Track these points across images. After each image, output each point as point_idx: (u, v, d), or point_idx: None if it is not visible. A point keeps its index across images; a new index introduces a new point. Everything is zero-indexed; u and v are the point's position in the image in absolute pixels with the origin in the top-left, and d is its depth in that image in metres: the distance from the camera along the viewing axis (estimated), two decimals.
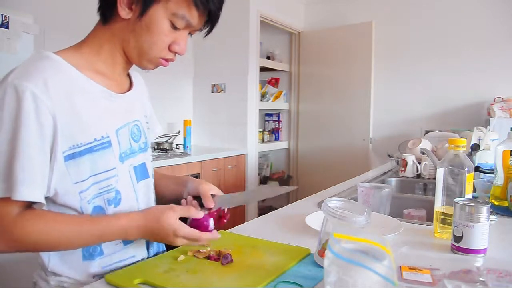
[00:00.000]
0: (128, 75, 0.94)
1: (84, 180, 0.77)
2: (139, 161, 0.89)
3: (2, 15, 1.88)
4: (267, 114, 4.33)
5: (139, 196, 0.88)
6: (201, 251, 0.86)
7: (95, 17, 0.83)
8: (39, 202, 0.72)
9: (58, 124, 0.72)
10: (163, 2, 0.78)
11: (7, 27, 1.94)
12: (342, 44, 3.82)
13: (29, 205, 0.74)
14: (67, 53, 0.80)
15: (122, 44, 0.82)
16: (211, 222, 0.84)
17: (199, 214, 0.83)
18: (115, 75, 0.86)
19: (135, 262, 0.85)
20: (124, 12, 0.78)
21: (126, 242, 0.85)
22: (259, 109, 3.61)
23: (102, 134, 0.79)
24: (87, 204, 0.78)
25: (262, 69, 3.72)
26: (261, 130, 4.02)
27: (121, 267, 0.83)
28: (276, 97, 4.08)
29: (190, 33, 0.85)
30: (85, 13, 0.77)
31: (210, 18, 0.83)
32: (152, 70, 0.88)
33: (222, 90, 3.51)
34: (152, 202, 0.95)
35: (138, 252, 0.88)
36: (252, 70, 3.42)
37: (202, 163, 2.87)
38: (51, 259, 0.79)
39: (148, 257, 0.89)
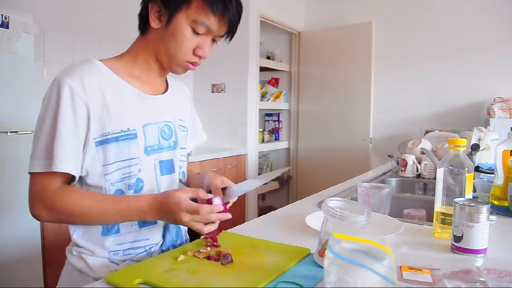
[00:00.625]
0: (166, 81, 1.05)
1: (109, 164, 0.88)
2: (166, 157, 0.98)
3: (2, 15, 1.88)
4: (267, 114, 4.33)
5: (161, 188, 0.97)
6: (201, 251, 0.86)
7: (95, 18, 0.87)
8: (73, 177, 0.86)
9: (91, 114, 0.85)
10: (185, 11, 0.88)
11: (7, 27, 1.94)
12: (342, 44, 3.82)
13: (68, 182, 0.87)
14: (108, 60, 0.94)
15: (154, 51, 0.94)
16: (218, 201, 0.90)
17: (207, 195, 0.88)
18: (150, 79, 0.98)
19: (148, 246, 0.95)
20: (154, 22, 0.91)
21: (142, 224, 0.94)
22: (259, 109, 3.61)
23: (128, 126, 0.90)
24: (110, 185, 0.88)
25: (262, 69, 3.72)
26: (261, 130, 4.02)
27: (134, 248, 0.93)
28: (276, 97, 4.09)
29: (214, 40, 0.95)
30: (85, 13, 0.79)
31: (229, 25, 0.92)
32: None
33: (222, 90, 3.51)
34: None
35: (153, 236, 0.96)
36: (252, 70, 3.42)
37: (202, 163, 2.87)
38: (76, 232, 0.91)
39: (163, 244, 0.98)
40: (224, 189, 0.99)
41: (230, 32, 0.95)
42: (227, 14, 0.91)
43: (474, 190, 1.35)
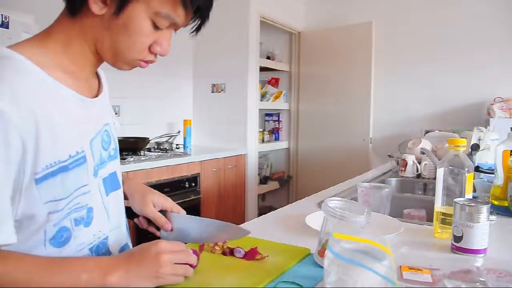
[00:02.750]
0: (97, 73, 0.83)
1: (56, 200, 0.66)
2: (109, 171, 0.80)
3: (2, 15, 1.88)
4: (267, 114, 4.33)
5: (109, 211, 0.79)
6: (216, 248, 0.86)
7: None
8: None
9: (28, 147, 0.61)
10: (144, 0, 0.67)
11: (7, 27, 1.94)
12: (342, 44, 3.82)
13: None
14: (29, 49, 0.68)
15: (94, 42, 0.71)
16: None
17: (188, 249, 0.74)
18: (84, 74, 0.76)
19: None
20: (96, 6, 0.67)
21: None
22: (259, 109, 3.61)
23: (76, 149, 0.69)
24: (52, 226, 0.67)
25: (262, 69, 3.72)
26: (261, 130, 4.02)
27: None
28: (276, 97, 4.08)
29: (174, 30, 0.75)
30: None
31: (200, 16, 0.73)
32: (151, 70, 0.82)
33: (222, 90, 3.51)
34: (122, 214, 0.86)
35: None
36: (252, 70, 3.42)
37: (202, 163, 2.87)
38: None
39: None
40: (164, 213, 0.86)
41: (200, 24, 0.75)
42: (199, 4, 0.71)
43: (474, 190, 1.35)
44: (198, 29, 0.75)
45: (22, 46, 0.69)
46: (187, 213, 0.89)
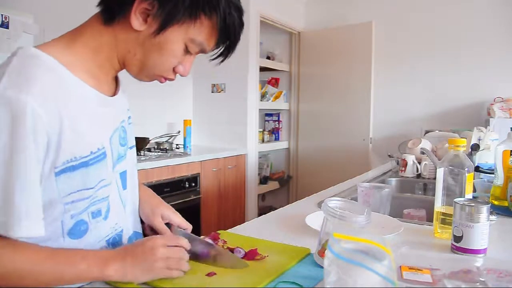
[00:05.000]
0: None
1: (73, 192, 0.69)
2: (124, 165, 0.83)
3: (2, 15, 1.88)
4: (267, 114, 4.33)
5: (126, 205, 0.83)
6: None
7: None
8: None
9: (52, 140, 0.64)
10: (185, 26, 0.71)
11: (7, 27, 1.94)
12: (342, 44, 3.82)
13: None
14: (56, 49, 0.70)
15: (124, 53, 0.74)
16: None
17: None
18: (106, 78, 0.79)
19: None
20: (137, 23, 0.70)
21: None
22: (259, 109, 3.61)
23: (98, 146, 0.72)
24: (70, 218, 0.70)
25: (262, 69, 3.72)
26: (261, 130, 4.02)
27: None
28: (276, 97, 4.09)
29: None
30: (85, 13, 0.76)
31: (227, 47, 0.79)
32: None
33: (222, 90, 3.51)
34: (136, 208, 0.89)
35: None
36: (252, 70, 3.42)
37: (202, 163, 2.87)
38: None
39: None
40: (169, 226, 0.88)
41: (228, 54, 0.82)
42: (230, 38, 0.78)
43: (474, 190, 1.35)
44: (223, 60, 0.81)
45: (50, 46, 0.71)
46: (187, 213, 0.90)
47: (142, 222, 0.90)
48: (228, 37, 0.76)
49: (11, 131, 0.60)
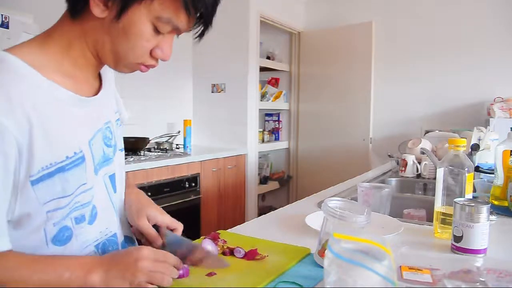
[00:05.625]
0: (99, 73, 0.82)
1: (53, 199, 0.67)
2: (114, 168, 0.80)
3: (2, 15, 1.88)
4: (267, 114, 4.33)
5: (117, 209, 0.80)
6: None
7: None
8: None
9: (23, 150, 0.62)
10: (146, 3, 0.66)
11: (7, 27, 1.94)
12: (342, 44, 3.82)
13: None
14: (27, 52, 0.68)
15: (94, 44, 0.71)
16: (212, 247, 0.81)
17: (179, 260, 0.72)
18: (85, 76, 0.75)
19: None
20: (98, 9, 0.66)
21: None
22: (259, 109, 3.61)
23: (74, 150, 0.69)
24: (52, 226, 0.68)
25: (262, 69, 3.72)
26: (261, 130, 4.02)
27: None
28: (276, 97, 4.09)
29: (176, 34, 0.74)
30: None
31: (203, 22, 0.72)
32: (151, 70, 0.78)
33: (222, 90, 3.51)
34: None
35: None
36: (252, 70, 3.42)
37: (202, 163, 2.87)
38: None
39: None
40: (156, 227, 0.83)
41: (205, 29, 0.73)
42: (202, 10, 0.69)
43: (474, 190, 1.35)
44: (201, 35, 0.74)
45: (22, 48, 0.69)
46: (187, 213, 0.89)
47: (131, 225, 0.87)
48: (196, 8, 0.68)
49: None
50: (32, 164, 0.63)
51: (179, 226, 0.84)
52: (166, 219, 0.83)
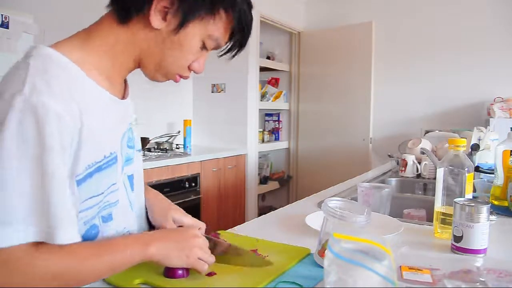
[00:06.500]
0: None
1: (87, 199, 0.67)
2: (131, 167, 0.82)
3: (2, 15, 1.88)
4: (267, 114, 4.33)
5: (134, 206, 0.82)
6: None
7: (95, 18, 0.75)
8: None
9: (74, 143, 0.62)
10: (204, 22, 0.70)
11: (7, 27, 1.94)
12: (342, 44, 3.82)
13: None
14: (69, 48, 0.68)
15: (141, 52, 0.72)
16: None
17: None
18: (120, 80, 0.77)
19: None
20: (157, 21, 0.68)
21: None
22: (259, 109, 3.61)
23: (110, 150, 0.70)
24: (83, 225, 0.68)
25: (262, 69, 3.72)
26: (261, 130, 4.02)
27: None
28: (276, 97, 4.09)
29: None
30: (85, 13, 0.75)
31: (241, 42, 0.78)
32: None
33: (222, 90, 3.51)
34: (143, 210, 0.87)
35: None
36: (252, 70, 3.42)
37: (202, 163, 2.87)
38: None
39: None
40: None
41: (240, 50, 0.80)
42: (244, 36, 0.77)
43: (474, 190, 1.35)
44: (235, 55, 0.80)
45: (63, 45, 0.69)
46: (187, 213, 0.90)
47: (151, 226, 0.88)
48: (242, 32, 0.75)
49: (39, 138, 0.58)
50: (79, 162, 0.63)
51: (202, 225, 0.87)
52: (190, 221, 0.87)
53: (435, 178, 1.06)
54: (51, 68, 0.63)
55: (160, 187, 2.48)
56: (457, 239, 0.90)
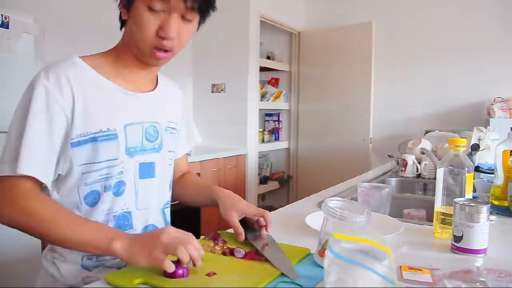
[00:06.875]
0: (157, 79, 1.00)
1: (86, 164, 0.84)
2: (148, 159, 0.93)
3: (2, 15, 1.88)
4: (267, 114, 4.33)
5: (138, 192, 0.92)
6: (217, 248, 0.88)
7: (95, 18, 0.84)
8: (43, 184, 0.81)
9: (68, 116, 0.82)
10: None
11: (7, 27, 1.94)
12: (342, 44, 3.82)
13: (39, 188, 0.81)
14: (90, 57, 0.89)
15: (128, 44, 0.88)
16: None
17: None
18: (136, 77, 0.92)
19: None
20: (124, 13, 0.86)
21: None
22: (259, 109, 3.61)
23: (108, 126, 0.85)
24: (84, 186, 0.85)
25: (262, 69, 3.72)
26: (261, 130, 4.02)
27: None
28: (276, 97, 4.09)
29: (185, 18, 0.84)
30: (85, 13, 0.78)
31: (199, 8, 0.84)
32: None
33: (222, 90, 3.51)
34: (152, 201, 0.96)
35: None
36: (252, 70, 3.42)
37: (202, 163, 2.87)
38: None
39: None
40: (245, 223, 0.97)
41: (202, 8, 0.85)
42: None
43: (474, 190, 1.35)
44: (203, 16, 0.88)
45: (89, 56, 0.89)
46: (188, 213, 0.92)
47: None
48: None
49: (28, 104, 0.79)
50: (73, 129, 0.82)
51: (264, 213, 0.96)
52: (253, 210, 0.97)
53: (435, 178, 1.06)
54: (65, 65, 0.84)
55: None
56: (457, 239, 0.90)
